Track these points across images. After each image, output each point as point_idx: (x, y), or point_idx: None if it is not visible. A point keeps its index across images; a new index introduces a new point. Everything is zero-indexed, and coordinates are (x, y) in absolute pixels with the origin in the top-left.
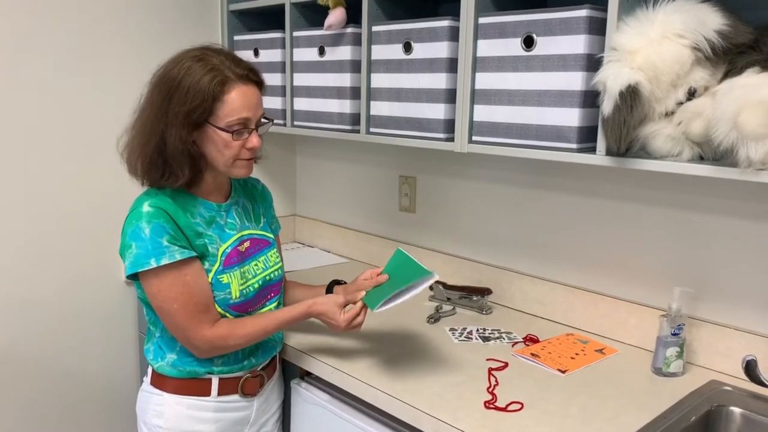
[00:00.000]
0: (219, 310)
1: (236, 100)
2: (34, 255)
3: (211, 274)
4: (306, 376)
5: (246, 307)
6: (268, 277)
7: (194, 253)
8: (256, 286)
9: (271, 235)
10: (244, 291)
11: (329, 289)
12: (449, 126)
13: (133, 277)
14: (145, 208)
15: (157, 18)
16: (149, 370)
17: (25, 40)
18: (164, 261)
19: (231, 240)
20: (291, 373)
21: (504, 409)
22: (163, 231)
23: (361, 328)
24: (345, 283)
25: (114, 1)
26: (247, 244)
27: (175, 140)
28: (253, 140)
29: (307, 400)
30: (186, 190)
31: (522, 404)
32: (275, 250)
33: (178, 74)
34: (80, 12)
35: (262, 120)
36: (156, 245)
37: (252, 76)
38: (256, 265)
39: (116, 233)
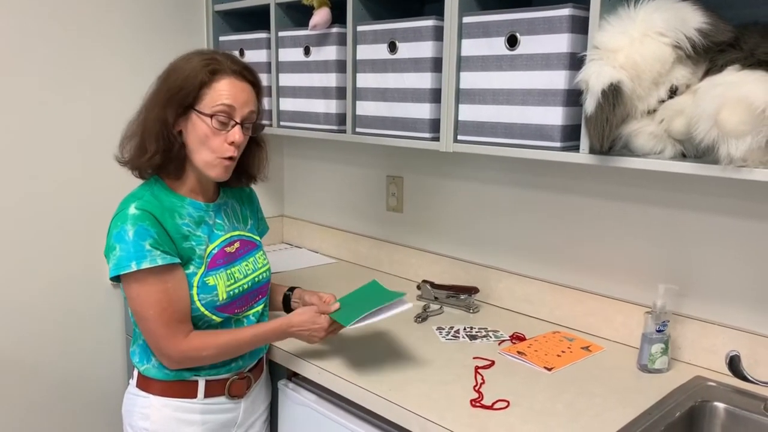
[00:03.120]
0: (206, 313)
1: (223, 89)
2: (20, 257)
3: (196, 277)
4: (293, 376)
5: (233, 308)
6: (257, 279)
7: (177, 260)
8: (246, 287)
9: (258, 238)
10: (232, 292)
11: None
12: (435, 125)
13: (117, 279)
14: (131, 210)
15: (142, 19)
16: (135, 373)
17: (10, 41)
18: (145, 265)
19: (219, 240)
20: (278, 374)
21: (490, 408)
22: (147, 234)
23: (348, 328)
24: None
25: (99, 2)
26: (237, 244)
27: (167, 124)
28: (235, 134)
29: (294, 400)
30: (173, 189)
31: (508, 402)
32: (262, 252)
33: (177, 63)
34: (66, 14)
35: (261, 123)
36: (138, 248)
37: (246, 74)
38: (246, 266)
39: (102, 235)
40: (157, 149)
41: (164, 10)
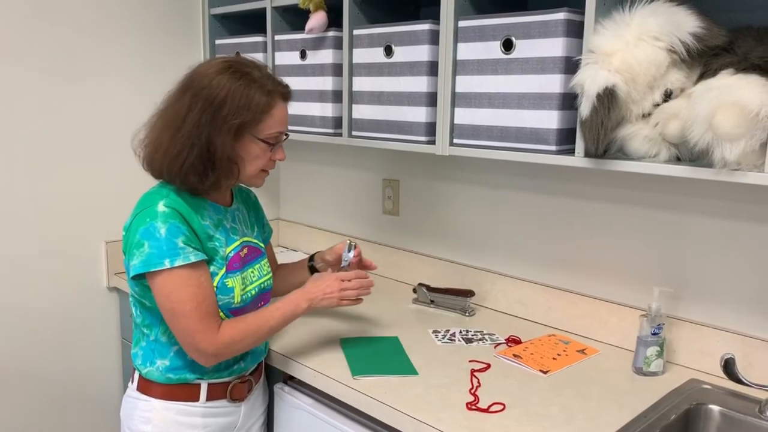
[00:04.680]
0: (221, 314)
1: (278, 115)
2: (17, 261)
3: (217, 278)
4: (289, 380)
5: (243, 313)
6: (262, 285)
7: (206, 257)
8: (254, 293)
9: (263, 245)
10: (244, 296)
11: (311, 260)
12: (430, 129)
13: (137, 276)
14: (161, 207)
15: (137, 22)
16: (136, 376)
17: (9, 42)
18: (179, 262)
19: (235, 244)
20: (274, 377)
21: (486, 410)
22: (179, 232)
23: (344, 330)
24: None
25: (95, 6)
26: (246, 250)
27: (225, 148)
28: (280, 153)
29: (290, 404)
30: (195, 191)
31: (504, 405)
32: (266, 260)
33: (224, 86)
34: (62, 15)
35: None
36: (171, 246)
37: (288, 94)
38: (252, 272)
39: (100, 239)
40: (218, 176)
41: (160, 14)
